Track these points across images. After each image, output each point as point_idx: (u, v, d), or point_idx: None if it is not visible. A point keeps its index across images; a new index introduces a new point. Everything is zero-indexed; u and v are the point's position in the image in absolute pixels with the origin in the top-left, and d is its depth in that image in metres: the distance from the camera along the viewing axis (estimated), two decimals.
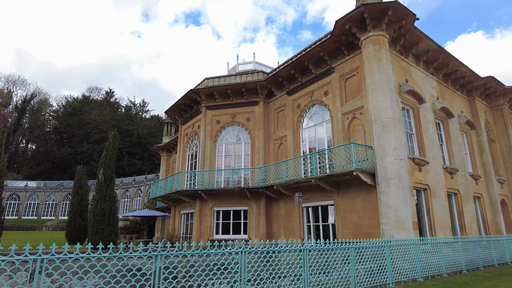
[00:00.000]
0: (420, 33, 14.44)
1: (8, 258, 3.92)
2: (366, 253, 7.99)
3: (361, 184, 13.25)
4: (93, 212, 14.74)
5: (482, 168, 18.23)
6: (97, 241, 14.20)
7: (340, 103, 15.36)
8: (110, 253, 5.36)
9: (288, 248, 6.54)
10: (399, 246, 9.01)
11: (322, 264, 7.07)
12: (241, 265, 5.68)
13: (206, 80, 21.39)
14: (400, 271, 8.83)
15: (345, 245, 7.55)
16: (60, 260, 5.08)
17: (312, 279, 6.77)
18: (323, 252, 7.08)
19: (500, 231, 17.17)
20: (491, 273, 10.97)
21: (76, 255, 4.53)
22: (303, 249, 6.70)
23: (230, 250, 5.63)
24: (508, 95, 20.35)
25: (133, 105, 59.56)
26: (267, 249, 6.19)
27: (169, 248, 5.14)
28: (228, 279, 6.19)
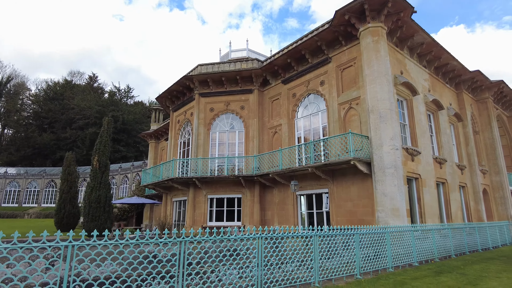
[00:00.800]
0: (416, 26, 14.71)
1: (41, 245, 3.89)
2: (368, 239, 8.29)
3: (357, 172, 13.60)
4: (88, 199, 14.51)
5: (467, 158, 19.01)
6: (93, 228, 14.05)
7: (336, 93, 15.55)
8: (127, 240, 5.37)
9: (301, 234, 6.73)
10: (398, 233, 9.40)
11: (328, 248, 7.31)
12: (258, 250, 5.83)
13: (199, 67, 21.09)
14: (398, 256, 9.24)
15: (350, 231, 7.81)
16: (78, 247, 5.06)
17: (319, 263, 7.00)
18: (330, 238, 7.31)
19: (481, 218, 18.08)
20: (477, 258, 11.62)
21: (105, 242, 4.52)
22: (314, 235, 6.90)
23: (248, 236, 5.75)
24: (493, 89, 21.13)
25: (118, 90, 57.90)
26: (281, 235, 6.35)
27: (192, 234, 5.20)
28: (240, 265, 6.33)
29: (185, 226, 18.57)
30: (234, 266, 6.43)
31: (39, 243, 3.85)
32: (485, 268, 9.35)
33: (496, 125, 21.04)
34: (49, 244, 3.90)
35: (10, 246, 3.66)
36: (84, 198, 14.96)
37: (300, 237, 6.66)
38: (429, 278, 7.82)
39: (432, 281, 7.48)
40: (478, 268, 9.31)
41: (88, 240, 5.10)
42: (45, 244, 3.86)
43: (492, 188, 20.17)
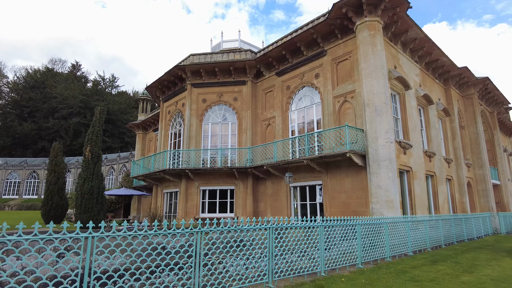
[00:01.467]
0: (410, 21, 14.92)
1: (61, 236, 3.78)
2: (368, 230, 8.49)
3: (351, 165, 13.84)
4: (81, 190, 14.13)
5: (454, 152, 19.63)
6: (86, 220, 13.74)
7: (331, 86, 15.66)
8: (135, 231, 5.28)
9: (308, 224, 6.81)
10: (395, 223, 9.66)
11: (332, 239, 7.45)
12: (269, 240, 5.88)
13: (191, 57, 20.77)
14: (394, 246, 9.51)
15: (353, 221, 7.97)
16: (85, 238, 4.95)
17: (320, 254, 7.12)
18: (334, 228, 7.45)
19: (465, 210, 18.78)
20: (466, 247, 12.12)
21: (124, 233, 4.43)
22: (320, 225, 7.01)
23: (260, 226, 5.78)
24: (478, 85, 21.79)
25: (102, 80, 56.07)
26: (290, 225, 6.41)
27: (208, 225, 5.19)
28: (246, 255, 6.36)
29: (177, 218, 18.46)
30: (241, 257, 6.46)
31: (59, 234, 3.75)
32: (475, 257, 9.77)
33: (480, 121, 21.76)
34: (69, 235, 3.80)
35: (31, 237, 3.55)
36: (76, 189, 14.56)
37: (307, 228, 6.74)
38: (426, 266, 8.10)
39: (430, 269, 7.76)
40: (469, 257, 9.71)
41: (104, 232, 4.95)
42: (66, 235, 3.76)
43: (475, 181, 20.95)
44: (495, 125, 25.28)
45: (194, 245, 4.91)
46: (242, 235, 6.33)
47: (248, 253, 6.54)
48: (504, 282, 6.56)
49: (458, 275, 7.20)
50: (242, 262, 6.39)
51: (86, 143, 15.03)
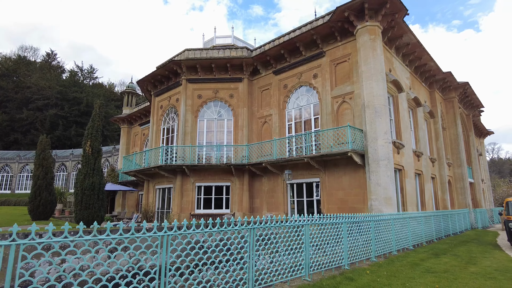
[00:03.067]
0: (406, 27, 15.68)
1: (142, 235, 3.88)
2: (379, 226, 9.03)
3: (349, 163, 14.45)
4: (81, 187, 13.72)
5: (437, 152, 20.85)
6: (86, 217, 13.41)
7: (330, 86, 16.16)
8: (175, 231, 5.40)
9: (334, 221, 7.20)
10: (399, 220, 10.30)
11: (349, 234, 7.89)
12: (306, 236, 6.20)
13: (186, 51, 20.60)
14: (399, 241, 10.15)
15: (369, 218, 8.46)
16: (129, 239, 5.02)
17: (344, 248, 7.54)
18: (357, 224, 7.90)
19: (446, 206, 20.06)
20: (455, 241, 13.06)
21: (194, 231, 4.56)
22: (343, 222, 7.42)
23: (297, 223, 6.08)
24: (459, 89, 23.19)
25: (80, 70, 53.55)
26: (322, 222, 6.77)
27: (258, 221, 5.42)
28: (271, 250, 6.64)
29: (171, 214, 18.39)
30: (272, 251, 6.73)
31: (140, 233, 3.85)
32: (469, 250, 10.62)
33: (460, 123, 23.21)
34: (149, 234, 3.91)
35: (104, 237, 3.63)
36: (76, 185, 14.12)
37: (334, 224, 7.12)
38: (432, 259, 8.77)
39: (438, 262, 8.41)
40: (464, 250, 10.55)
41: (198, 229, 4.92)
42: (145, 234, 3.87)
43: (454, 179, 22.37)
44: (470, 127, 27.00)
45: (248, 241, 5.14)
46: (269, 232, 6.59)
47: (275, 249, 6.85)
48: (508, 272, 7.29)
49: (465, 266, 7.88)
50: (275, 258, 6.68)
51: (86, 138, 14.60)
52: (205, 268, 4.65)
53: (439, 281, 6.39)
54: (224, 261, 4.75)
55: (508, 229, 11.37)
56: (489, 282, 6.41)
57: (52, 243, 3.28)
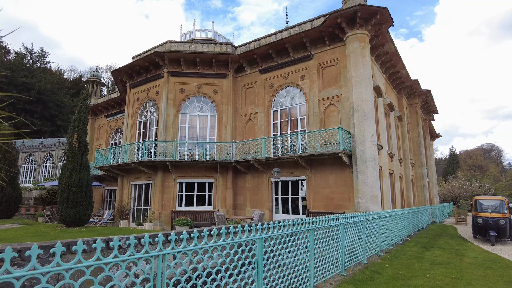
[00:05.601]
0: (389, 37, 16.81)
1: (238, 240, 3.89)
2: (380, 223, 9.77)
3: (335, 163, 15.24)
4: (68, 183, 12.64)
5: (403, 153, 22.68)
6: (73, 216, 12.43)
7: (317, 88, 16.80)
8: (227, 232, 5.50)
9: (371, 217, 7.69)
10: (395, 216, 11.19)
11: (367, 232, 8.47)
12: (342, 235, 6.58)
13: (168, 43, 19.99)
14: (392, 236, 11.04)
15: (376, 215, 9.12)
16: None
17: (363, 244, 8.10)
18: (374, 221, 8.50)
19: (410, 203, 21.97)
20: (428, 235, 14.48)
21: (284, 232, 4.63)
22: (362, 220, 7.95)
23: (335, 223, 6.43)
24: (422, 96, 25.39)
25: (30, 53, 48.14)
26: (354, 220, 7.21)
27: (314, 221, 5.65)
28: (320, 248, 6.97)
29: (151, 211, 17.80)
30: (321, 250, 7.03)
31: (236, 239, 3.86)
32: (448, 243, 11.90)
33: (421, 127, 25.45)
34: (245, 239, 3.94)
35: (212, 244, 3.60)
36: (61, 181, 12.95)
37: (355, 222, 7.61)
38: (426, 252, 9.73)
39: (433, 254, 9.37)
40: (443, 243, 11.79)
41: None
42: (241, 239, 3.89)
43: (416, 178, 24.54)
44: (427, 131, 29.68)
45: (310, 240, 5.37)
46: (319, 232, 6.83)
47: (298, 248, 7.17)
48: (497, 262, 8.40)
49: (460, 258, 8.90)
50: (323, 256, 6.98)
51: (72, 131, 13.48)
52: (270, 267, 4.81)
53: (450, 272, 7.20)
54: (289, 258, 4.93)
55: (476, 224, 12.93)
56: (489, 271, 7.36)
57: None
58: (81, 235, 10.12)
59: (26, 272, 2.02)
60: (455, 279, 6.61)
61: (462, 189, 44.42)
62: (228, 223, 13.53)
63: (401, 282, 6.26)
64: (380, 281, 6.31)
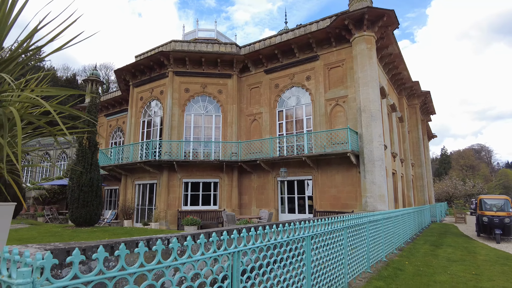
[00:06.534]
0: (393, 38, 17.08)
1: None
2: (396, 222, 9.97)
3: (342, 162, 15.44)
4: (78, 183, 12.56)
5: (404, 153, 23.02)
6: (84, 216, 12.36)
7: (323, 89, 16.98)
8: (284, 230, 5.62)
9: (381, 217, 7.86)
10: (406, 215, 11.42)
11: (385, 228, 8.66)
12: (367, 233, 6.74)
13: (173, 43, 19.97)
14: (405, 234, 11.27)
15: (392, 213, 9.32)
16: None
17: (383, 243, 8.29)
18: (387, 220, 8.69)
19: (411, 203, 22.33)
20: (433, 233, 14.77)
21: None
22: (400, 215, 8.14)
23: (362, 221, 6.58)
24: (421, 97, 25.80)
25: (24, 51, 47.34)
26: (380, 218, 7.37)
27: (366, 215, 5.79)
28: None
29: (156, 211, 17.77)
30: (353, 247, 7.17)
31: (291, 237, 3.97)
32: (455, 241, 12.18)
33: (421, 127, 25.86)
34: (297, 237, 4.04)
35: (273, 241, 3.70)
36: (71, 180, 12.83)
37: (377, 221, 7.78)
38: (439, 250, 9.97)
39: (446, 251, 9.61)
40: (451, 241, 12.07)
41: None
42: (294, 237, 4.00)
43: (415, 178, 24.94)
44: (425, 131, 30.16)
45: (344, 237, 5.51)
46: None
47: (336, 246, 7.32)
48: (508, 260, 8.66)
49: (472, 255, 9.15)
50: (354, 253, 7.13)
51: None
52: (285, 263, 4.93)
53: (469, 268, 7.42)
54: (328, 255, 5.05)
55: (481, 222, 13.26)
56: (506, 268, 7.61)
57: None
58: (96, 235, 10.10)
59: (117, 273, 2.02)
60: (476, 275, 6.82)
61: (456, 189, 45.20)
62: (238, 222, 13.62)
63: (425, 279, 6.43)
64: (405, 277, 6.49)
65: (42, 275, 1.64)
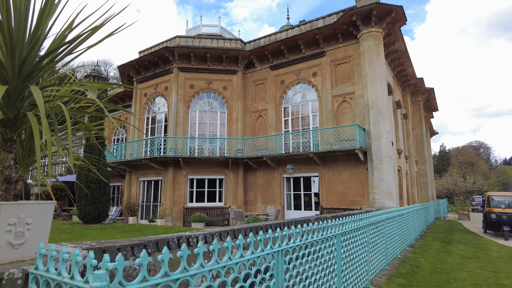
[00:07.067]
0: (400, 35, 17.00)
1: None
2: (408, 218, 9.97)
3: (349, 159, 15.42)
4: (86, 179, 12.49)
5: (408, 150, 23.04)
6: (92, 212, 12.31)
7: (330, 85, 16.90)
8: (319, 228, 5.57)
9: (395, 214, 7.84)
10: (413, 212, 11.41)
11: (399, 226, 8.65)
12: (384, 228, 6.73)
13: (177, 38, 19.81)
14: (414, 231, 11.28)
15: (403, 210, 9.31)
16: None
17: (398, 240, 8.28)
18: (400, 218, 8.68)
19: (415, 200, 22.37)
20: (441, 230, 14.81)
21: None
22: (396, 216, 8.12)
23: (381, 218, 6.56)
24: (425, 94, 25.78)
25: None
26: (396, 214, 7.35)
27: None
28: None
29: (162, 207, 17.72)
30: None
31: (325, 235, 3.94)
32: (465, 238, 12.21)
33: (424, 124, 25.86)
34: (330, 234, 4.01)
35: (316, 238, 3.66)
36: (79, 177, 12.75)
37: (392, 218, 7.77)
38: (450, 246, 9.98)
39: (457, 248, 9.63)
40: (460, 238, 12.10)
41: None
42: (328, 234, 3.97)
43: (419, 174, 24.97)
44: (427, 128, 30.17)
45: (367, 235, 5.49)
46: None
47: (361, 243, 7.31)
48: None
49: (484, 252, 9.16)
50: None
51: (90, 127, 13.30)
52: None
53: (484, 266, 7.43)
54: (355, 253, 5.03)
55: (489, 219, 13.28)
56: None
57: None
58: (106, 232, 10.05)
59: (180, 275, 1.97)
60: (494, 272, 6.82)
61: (457, 186, 45.32)
62: (246, 219, 13.59)
63: (444, 276, 6.43)
64: (423, 274, 6.48)
65: (114, 278, 1.59)
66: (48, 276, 1.81)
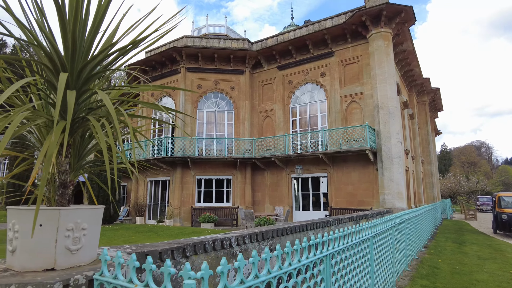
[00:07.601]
0: (409, 35, 16.99)
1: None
2: (422, 218, 9.97)
3: (359, 159, 15.42)
4: (98, 179, 12.53)
5: (414, 150, 23.02)
6: (104, 213, 12.31)
7: (339, 86, 16.90)
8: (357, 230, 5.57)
9: (412, 215, 7.85)
10: (425, 212, 11.41)
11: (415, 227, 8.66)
12: (405, 230, 6.73)
13: (185, 38, 19.79)
14: (427, 232, 11.28)
15: (418, 211, 9.31)
16: None
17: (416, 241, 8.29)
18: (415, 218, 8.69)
19: (421, 200, 22.37)
20: (450, 230, 14.81)
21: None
22: (412, 217, 8.12)
23: (402, 219, 6.57)
24: (431, 94, 25.76)
25: (27, 47, 46.64)
26: (416, 214, 7.36)
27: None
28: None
29: (170, 207, 17.73)
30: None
31: (361, 237, 3.95)
32: (476, 238, 12.22)
33: (430, 124, 25.85)
34: (365, 237, 4.02)
35: (355, 240, 3.68)
36: (89, 175, 12.79)
37: (411, 219, 7.77)
38: (465, 247, 9.99)
39: (472, 248, 9.63)
40: (472, 238, 12.10)
41: None
42: (362, 237, 3.98)
43: (424, 174, 24.96)
44: (432, 128, 30.16)
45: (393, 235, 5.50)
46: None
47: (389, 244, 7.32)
48: None
49: (500, 253, 9.17)
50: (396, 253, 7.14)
51: None
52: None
53: (504, 267, 7.43)
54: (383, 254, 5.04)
55: (500, 220, 13.29)
56: None
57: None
58: (120, 233, 10.06)
59: (253, 282, 1.94)
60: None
61: (460, 185, 45.34)
62: (256, 220, 13.59)
63: (466, 277, 6.43)
64: (444, 275, 6.49)
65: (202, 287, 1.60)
66: (117, 283, 1.80)
